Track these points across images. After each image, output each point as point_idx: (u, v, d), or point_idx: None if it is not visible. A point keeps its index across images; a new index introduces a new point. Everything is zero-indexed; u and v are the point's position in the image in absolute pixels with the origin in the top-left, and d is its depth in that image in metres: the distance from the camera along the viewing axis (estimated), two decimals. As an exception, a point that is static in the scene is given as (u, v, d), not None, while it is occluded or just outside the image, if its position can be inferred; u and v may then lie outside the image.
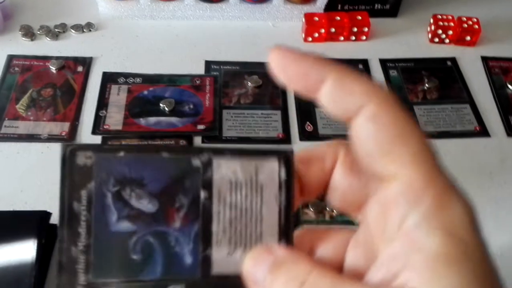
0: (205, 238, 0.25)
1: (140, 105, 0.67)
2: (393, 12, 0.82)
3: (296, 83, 0.24)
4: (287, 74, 0.24)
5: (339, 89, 0.23)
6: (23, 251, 0.46)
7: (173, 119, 0.66)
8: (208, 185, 0.25)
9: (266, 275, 0.23)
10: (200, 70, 0.72)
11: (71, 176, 0.24)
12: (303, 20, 0.77)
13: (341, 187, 0.26)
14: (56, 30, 0.75)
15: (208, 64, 0.73)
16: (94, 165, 0.24)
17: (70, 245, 0.24)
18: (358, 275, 0.23)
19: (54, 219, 0.53)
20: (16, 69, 0.69)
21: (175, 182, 0.25)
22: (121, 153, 0.24)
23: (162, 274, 0.24)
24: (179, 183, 0.25)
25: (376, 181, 0.23)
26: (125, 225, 0.24)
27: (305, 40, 0.78)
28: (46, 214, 0.51)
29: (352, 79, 0.23)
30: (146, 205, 0.24)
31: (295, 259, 0.23)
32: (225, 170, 0.25)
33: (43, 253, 0.49)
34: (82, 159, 0.24)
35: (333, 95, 0.23)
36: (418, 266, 0.20)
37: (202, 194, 0.25)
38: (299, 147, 0.64)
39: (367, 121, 0.22)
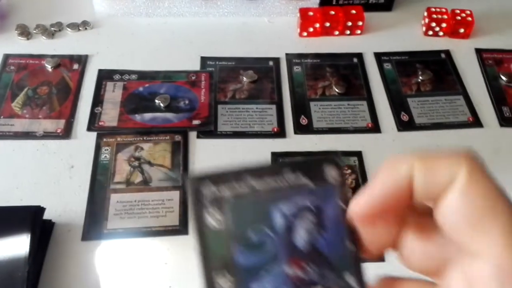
0: None
1: (135, 102, 0.67)
2: (387, 6, 0.82)
3: (398, 205, 0.23)
4: (390, 207, 0.23)
5: (427, 173, 0.22)
6: (17, 246, 0.47)
7: (169, 115, 0.66)
8: None
9: None
10: (195, 66, 0.73)
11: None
12: (298, 15, 0.78)
13: (414, 253, 0.24)
14: (52, 28, 0.75)
15: (203, 60, 0.74)
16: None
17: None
18: None
19: (48, 214, 0.53)
20: (12, 67, 0.70)
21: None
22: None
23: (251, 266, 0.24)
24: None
25: (458, 249, 0.22)
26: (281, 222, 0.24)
27: (300, 35, 0.78)
28: (40, 209, 0.51)
29: (435, 157, 0.22)
30: (315, 239, 0.25)
31: None
32: None
33: (37, 248, 0.49)
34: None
35: (424, 181, 0.22)
36: None
37: None
38: (294, 140, 0.64)
39: (458, 195, 0.21)
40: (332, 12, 0.77)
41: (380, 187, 0.23)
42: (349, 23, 0.77)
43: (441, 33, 0.78)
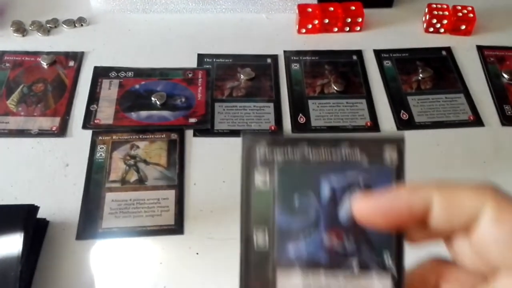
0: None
1: (131, 99, 0.67)
2: (387, 2, 0.81)
3: (398, 223, 0.24)
4: (388, 219, 0.24)
5: (449, 206, 0.23)
6: (10, 245, 0.46)
7: (165, 113, 0.66)
8: None
9: None
10: (192, 63, 0.72)
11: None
12: (297, 11, 0.77)
13: (466, 254, 0.25)
14: (48, 25, 0.75)
15: (200, 57, 0.73)
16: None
17: None
18: None
19: (42, 213, 0.53)
20: (7, 65, 0.69)
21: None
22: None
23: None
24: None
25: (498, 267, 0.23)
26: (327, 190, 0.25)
27: (299, 32, 0.77)
28: (34, 208, 0.51)
29: (456, 190, 0.23)
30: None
31: None
32: None
33: (31, 247, 0.49)
34: None
35: (445, 214, 0.23)
36: None
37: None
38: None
39: (491, 226, 0.22)
40: (331, 9, 0.76)
41: (391, 199, 0.24)
42: (349, 20, 0.76)
43: (442, 30, 0.77)
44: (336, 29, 0.77)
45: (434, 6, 0.77)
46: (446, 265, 0.26)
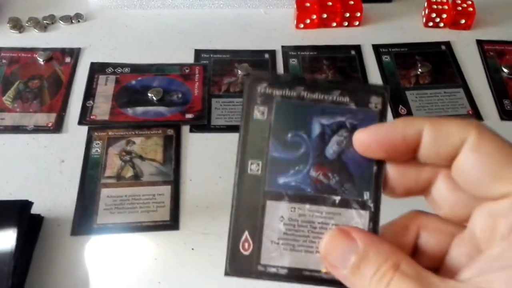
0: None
1: (127, 95, 0.66)
2: (387, -3, 0.81)
3: (393, 152, 0.26)
4: (385, 148, 0.26)
5: (437, 135, 0.24)
6: (3, 240, 0.46)
7: (161, 109, 0.65)
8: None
9: (351, 267, 0.24)
10: (189, 59, 0.72)
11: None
12: (295, 6, 0.76)
13: (446, 201, 0.26)
14: (45, 21, 0.74)
15: (198, 52, 0.72)
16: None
17: None
18: (456, 271, 0.24)
19: (37, 209, 0.53)
20: (4, 61, 0.69)
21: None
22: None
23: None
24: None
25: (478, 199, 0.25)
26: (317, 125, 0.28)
27: (297, 27, 0.76)
28: (27, 203, 0.50)
29: (445, 122, 0.25)
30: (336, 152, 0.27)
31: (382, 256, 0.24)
32: None
33: (25, 242, 0.48)
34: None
35: (433, 142, 0.25)
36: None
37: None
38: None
39: (471, 153, 0.24)
40: (330, 3, 0.76)
41: (388, 129, 0.26)
42: (347, 15, 0.75)
43: (441, 24, 0.76)
44: (334, 24, 0.77)
45: (434, 0, 0.76)
46: (427, 216, 0.27)
